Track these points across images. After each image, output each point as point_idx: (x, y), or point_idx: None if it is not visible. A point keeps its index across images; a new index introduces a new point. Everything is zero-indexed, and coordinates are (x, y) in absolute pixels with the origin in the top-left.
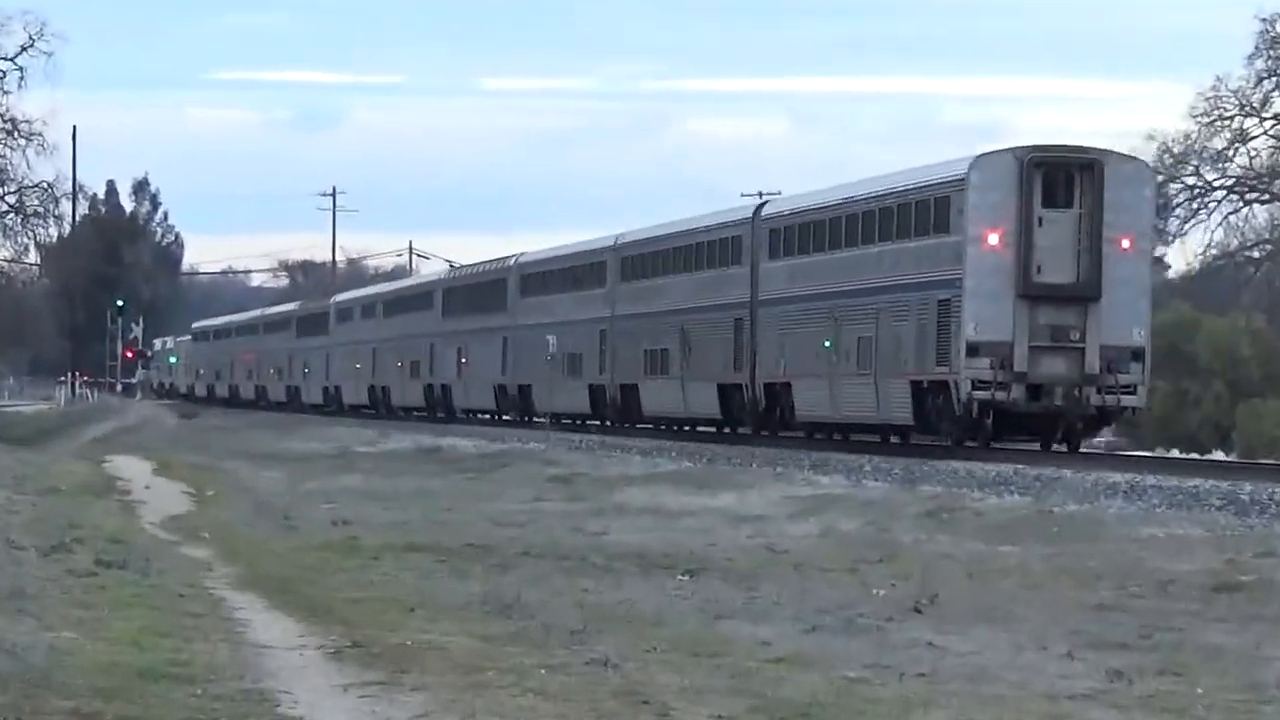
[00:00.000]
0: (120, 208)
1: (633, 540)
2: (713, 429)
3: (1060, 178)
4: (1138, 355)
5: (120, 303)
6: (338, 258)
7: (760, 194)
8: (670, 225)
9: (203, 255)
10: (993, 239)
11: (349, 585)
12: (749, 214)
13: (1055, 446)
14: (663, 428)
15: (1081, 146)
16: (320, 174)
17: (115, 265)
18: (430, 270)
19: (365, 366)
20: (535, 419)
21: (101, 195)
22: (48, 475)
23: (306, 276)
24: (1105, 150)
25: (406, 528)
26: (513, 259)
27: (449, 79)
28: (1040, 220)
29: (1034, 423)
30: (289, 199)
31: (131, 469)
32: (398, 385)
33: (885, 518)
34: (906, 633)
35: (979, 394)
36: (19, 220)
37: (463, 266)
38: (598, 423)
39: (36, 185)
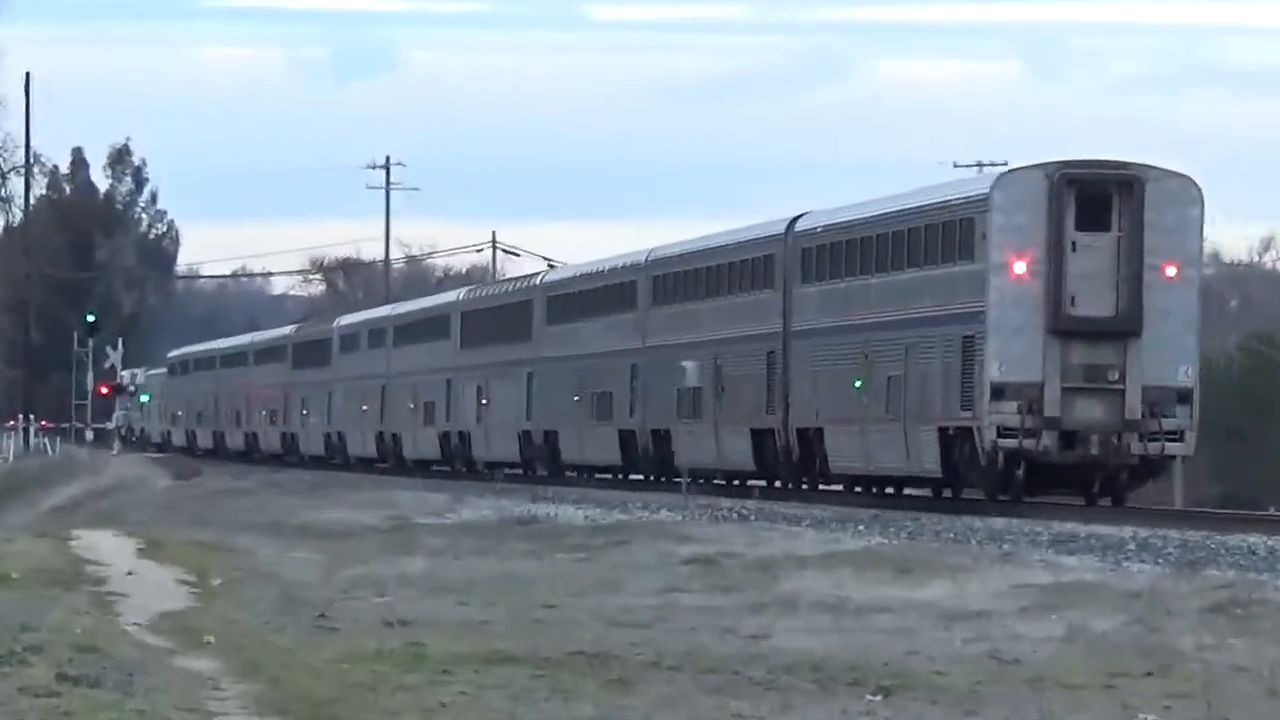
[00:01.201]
0: (91, 186)
1: (805, 646)
2: (762, 482)
3: (1096, 197)
4: (1184, 397)
5: (91, 318)
6: (393, 255)
7: (979, 165)
8: (702, 240)
9: (206, 252)
10: (1019, 267)
11: (410, 709)
12: (782, 230)
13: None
14: (701, 481)
15: (1120, 162)
16: (369, 139)
17: (85, 265)
18: (522, 272)
19: (373, 408)
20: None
21: (65, 169)
22: None
23: (349, 280)
24: (1146, 165)
25: (489, 630)
26: (539, 276)
27: (545, 6)
28: (1074, 245)
29: (1069, 474)
30: (325, 174)
31: (108, 548)
32: (409, 432)
33: (1155, 614)
34: None
35: (1005, 442)
36: None
37: (485, 284)
38: (640, 478)
39: None
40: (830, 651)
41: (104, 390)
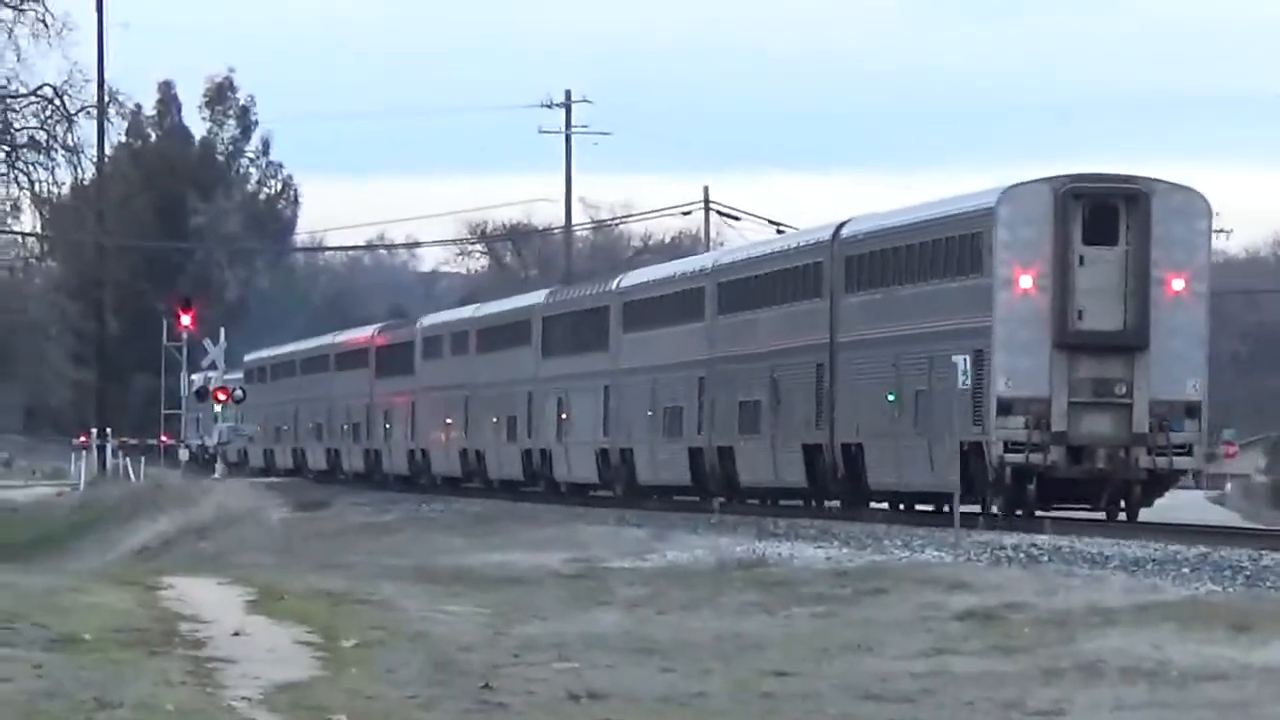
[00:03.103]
0: (184, 132)
1: None
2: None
3: (1103, 211)
4: (1192, 411)
5: (185, 301)
6: (576, 219)
7: None
8: (759, 245)
9: (333, 217)
10: (1025, 281)
11: None
12: (828, 236)
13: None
14: (769, 502)
15: (1126, 175)
16: (544, 70)
17: (177, 235)
18: (741, 243)
19: (457, 422)
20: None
21: (150, 110)
22: (60, 613)
23: (520, 252)
24: (1153, 179)
25: (704, 705)
26: (616, 280)
27: None
28: (1080, 259)
29: (1078, 489)
30: (486, 115)
31: (209, 601)
32: (493, 449)
33: None
34: None
35: (1012, 457)
36: (4, 155)
37: (566, 285)
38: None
39: (35, 93)
40: None
41: (221, 396)
